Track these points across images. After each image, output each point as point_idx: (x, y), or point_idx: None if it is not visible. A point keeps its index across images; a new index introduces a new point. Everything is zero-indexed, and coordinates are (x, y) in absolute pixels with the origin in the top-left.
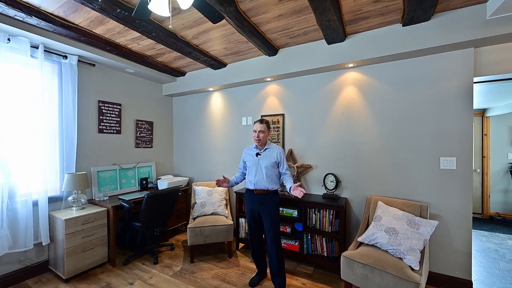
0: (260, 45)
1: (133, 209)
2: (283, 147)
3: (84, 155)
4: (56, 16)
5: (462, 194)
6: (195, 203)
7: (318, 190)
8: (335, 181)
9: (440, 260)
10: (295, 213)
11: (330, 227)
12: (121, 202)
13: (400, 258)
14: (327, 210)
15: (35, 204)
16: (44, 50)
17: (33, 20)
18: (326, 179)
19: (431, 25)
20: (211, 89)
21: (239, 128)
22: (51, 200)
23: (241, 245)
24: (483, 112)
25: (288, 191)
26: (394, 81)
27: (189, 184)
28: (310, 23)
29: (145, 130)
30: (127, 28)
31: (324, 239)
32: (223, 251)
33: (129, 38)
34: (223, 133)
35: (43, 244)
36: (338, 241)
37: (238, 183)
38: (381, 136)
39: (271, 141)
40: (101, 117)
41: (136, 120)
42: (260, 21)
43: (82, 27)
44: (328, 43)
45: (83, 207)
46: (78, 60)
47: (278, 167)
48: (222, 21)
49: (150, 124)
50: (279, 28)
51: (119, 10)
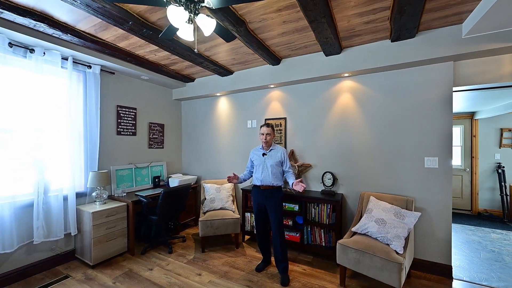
0: (265, 56)
1: (149, 204)
2: (285, 148)
3: (105, 155)
4: (87, 33)
5: (443, 190)
6: (205, 199)
7: (317, 187)
8: (332, 179)
9: (424, 248)
10: (296, 208)
11: (328, 220)
12: (140, 198)
13: (387, 244)
14: (325, 205)
15: (65, 199)
16: (72, 61)
17: (67, 37)
18: (324, 177)
19: (416, 42)
20: (218, 94)
21: (245, 130)
22: (77, 196)
23: (247, 237)
24: (472, 115)
25: (291, 187)
26: (385, 89)
27: (197, 182)
28: (310, 39)
29: (157, 132)
30: (147, 42)
31: (322, 231)
32: (231, 243)
33: (148, 50)
34: (230, 135)
35: (72, 234)
36: (335, 232)
37: (246, 180)
38: (373, 138)
39: (275, 143)
40: (119, 120)
41: (149, 123)
42: (266, 37)
43: (108, 42)
44: (326, 55)
45: (105, 202)
46: (100, 69)
47: (282, 166)
48: None
49: (162, 127)
50: (282, 43)
51: (145, 30)
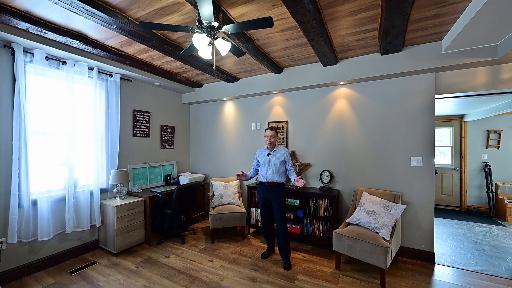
0: (269, 66)
1: (164, 200)
2: (287, 148)
3: (123, 155)
4: (113, 48)
5: (427, 185)
6: (214, 195)
7: (316, 184)
8: (330, 176)
9: (410, 237)
10: (297, 202)
11: (325, 213)
12: (156, 194)
13: (376, 232)
14: (323, 200)
15: (91, 194)
16: (97, 71)
17: (96, 51)
18: (322, 175)
19: (402, 55)
20: (225, 99)
21: (249, 132)
22: (101, 191)
23: (252, 230)
24: (461, 118)
25: (293, 183)
26: (376, 96)
27: (205, 180)
28: (309, 52)
29: (168, 134)
30: (164, 55)
31: (321, 223)
32: (237, 235)
33: (164, 61)
34: (235, 137)
35: (97, 226)
36: (332, 224)
37: (252, 178)
38: (366, 140)
39: (278, 144)
40: (135, 123)
41: (161, 125)
42: (271, 51)
43: (130, 54)
44: (324, 66)
45: (125, 197)
46: (120, 78)
47: (285, 165)
48: None
49: (172, 129)
50: (285, 55)
51: (166, 46)
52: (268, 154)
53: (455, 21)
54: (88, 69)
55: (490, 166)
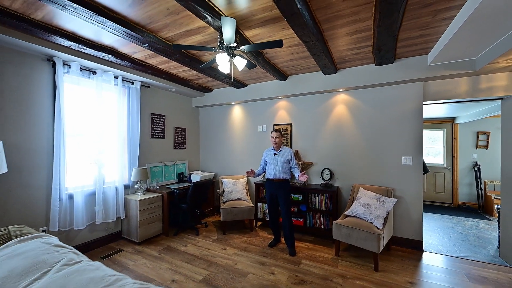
0: (275, 74)
1: (179, 195)
2: (291, 148)
3: (142, 155)
4: (139, 59)
5: (416, 182)
6: (224, 191)
7: (317, 181)
8: (330, 174)
9: (401, 227)
10: (300, 197)
11: (326, 207)
12: (173, 190)
13: (371, 222)
14: (324, 195)
15: (116, 190)
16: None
17: (124, 63)
18: (323, 172)
19: (394, 66)
20: (233, 103)
21: (256, 134)
22: (124, 187)
23: (259, 223)
24: (453, 120)
25: (297, 178)
26: (371, 102)
27: (214, 178)
28: (312, 63)
29: (180, 135)
30: (181, 65)
31: (322, 216)
32: (246, 228)
33: (181, 70)
34: (242, 138)
35: (121, 218)
36: (332, 216)
37: (260, 175)
38: (362, 141)
39: (283, 145)
40: (153, 126)
41: (174, 127)
42: (277, 62)
43: (152, 65)
44: (324, 74)
45: (144, 193)
46: (140, 84)
47: (289, 163)
48: None
49: (184, 130)
50: (290, 65)
51: (186, 59)
52: (275, 154)
53: (438, 40)
54: (114, 78)
55: (480, 165)
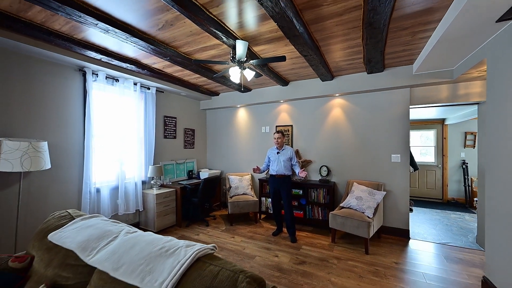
0: (277, 80)
1: (191, 190)
2: (292, 148)
3: (157, 153)
4: (156, 68)
5: (403, 177)
6: (230, 187)
7: (316, 177)
8: (327, 171)
9: (391, 218)
10: (301, 192)
11: (324, 200)
12: (185, 185)
13: (363, 212)
14: (322, 189)
15: (135, 185)
16: (140, 86)
17: (144, 72)
18: (321, 169)
19: (384, 75)
20: (238, 106)
21: (259, 134)
22: (141, 183)
23: (263, 216)
24: (443, 121)
25: (297, 174)
26: (364, 106)
27: (220, 175)
28: (310, 71)
29: (190, 135)
30: (194, 73)
31: (320, 208)
32: (251, 220)
33: (193, 77)
34: (247, 138)
35: (140, 210)
36: (328, 209)
37: (264, 171)
38: (356, 141)
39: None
40: (165, 127)
41: (184, 128)
42: (280, 71)
43: (168, 73)
44: (322, 81)
45: (159, 188)
46: (156, 90)
47: (291, 161)
48: None
49: (193, 131)
50: (291, 73)
51: (200, 69)
52: (277, 153)
53: (419, 53)
54: (133, 84)
55: (467, 163)
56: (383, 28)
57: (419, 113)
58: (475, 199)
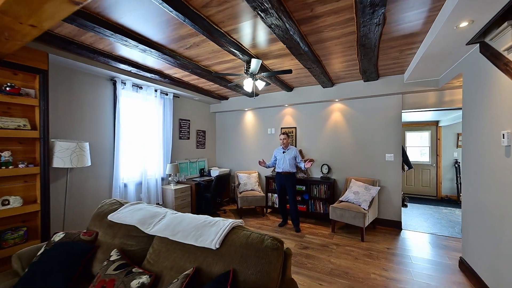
0: (283, 87)
1: (204, 186)
2: (296, 147)
3: (173, 153)
4: (176, 77)
5: (396, 174)
6: (239, 183)
7: (318, 174)
8: (328, 168)
9: (385, 211)
10: (304, 188)
11: (325, 195)
12: (199, 181)
13: (359, 205)
14: (323, 186)
15: (156, 181)
16: (160, 92)
17: (165, 80)
18: (323, 167)
19: (379, 82)
20: (246, 109)
21: (266, 136)
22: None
23: (269, 210)
24: (437, 123)
25: (303, 168)
26: (361, 110)
27: (229, 173)
28: (313, 80)
29: (201, 136)
30: (208, 81)
31: (321, 203)
32: (258, 213)
33: (207, 84)
34: (254, 139)
35: (160, 204)
36: (329, 203)
37: (270, 167)
38: (354, 141)
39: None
40: (180, 129)
41: (197, 130)
42: (285, 78)
43: (186, 81)
44: (323, 88)
45: (176, 184)
46: (173, 95)
47: (295, 159)
48: None
49: (204, 132)
50: (295, 81)
51: (217, 79)
52: (283, 152)
53: (408, 65)
54: (154, 91)
55: (460, 163)
56: (374, 48)
57: (415, 116)
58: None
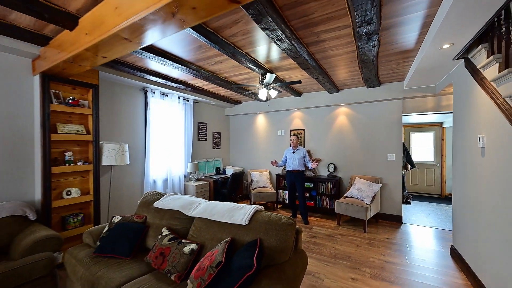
0: (292, 93)
1: (221, 183)
2: (305, 148)
3: (193, 153)
4: (198, 86)
5: (397, 172)
6: (252, 181)
7: (325, 172)
8: (334, 167)
9: (387, 206)
10: (312, 185)
11: (331, 192)
12: (217, 179)
13: (362, 200)
14: (329, 183)
15: (179, 178)
16: (182, 99)
17: (188, 89)
18: (329, 166)
19: (381, 89)
20: (258, 113)
21: (276, 137)
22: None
23: (279, 205)
24: (441, 124)
25: (309, 167)
26: (365, 114)
27: (243, 171)
28: (319, 86)
29: (217, 138)
30: (224, 88)
31: (328, 198)
32: (269, 208)
33: (224, 91)
34: (265, 140)
35: None
36: (335, 198)
37: (281, 167)
38: (358, 143)
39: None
40: (199, 131)
41: (213, 132)
42: (294, 86)
43: (205, 89)
44: (329, 93)
45: (196, 181)
46: (193, 101)
47: (304, 159)
48: None
49: (219, 134)
50: (304, 88)
51: (235, 88)
52: (293, 152)
53: (406, 74)
54: (178, 98)
55: None
56: (373, 63)
57: (420, 118)
58: None
